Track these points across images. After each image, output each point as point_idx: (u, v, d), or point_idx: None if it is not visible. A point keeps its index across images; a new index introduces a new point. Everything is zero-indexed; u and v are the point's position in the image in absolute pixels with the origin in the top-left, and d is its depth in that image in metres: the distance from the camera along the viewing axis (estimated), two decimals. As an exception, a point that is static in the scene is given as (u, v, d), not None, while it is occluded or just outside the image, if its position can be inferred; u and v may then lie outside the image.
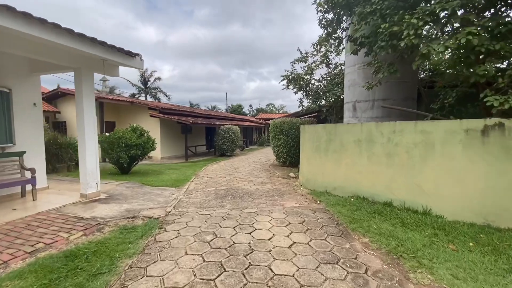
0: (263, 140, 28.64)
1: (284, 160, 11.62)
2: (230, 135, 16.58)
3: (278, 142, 11.70)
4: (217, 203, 5.55)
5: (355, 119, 7.67)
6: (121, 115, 16.17)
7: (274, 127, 11.97)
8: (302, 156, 7.31)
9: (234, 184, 7.56)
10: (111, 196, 5.64)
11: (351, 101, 7.82)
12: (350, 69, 7.88)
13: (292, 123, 11.38)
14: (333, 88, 9.16)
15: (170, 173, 9.62)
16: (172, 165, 12.24)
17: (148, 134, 9.70)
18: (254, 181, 7.96)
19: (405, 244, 3.47)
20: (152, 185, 7.10)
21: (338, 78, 9.32)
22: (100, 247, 3.30)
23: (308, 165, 6.83)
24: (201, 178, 8.70)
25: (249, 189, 6.88)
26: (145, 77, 37.20)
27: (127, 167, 9.08)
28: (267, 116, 34.79)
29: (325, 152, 6.23)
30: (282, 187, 7.08)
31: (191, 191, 6.77)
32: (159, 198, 5.81)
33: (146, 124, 15.69)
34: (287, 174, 9.29)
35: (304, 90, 10.55)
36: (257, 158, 15.69)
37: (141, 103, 14.54)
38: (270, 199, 5.89)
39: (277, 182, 7.81)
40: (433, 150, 4.48)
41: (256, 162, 13.60)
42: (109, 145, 8.57)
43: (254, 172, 9.92)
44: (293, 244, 3.49)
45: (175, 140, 16.37)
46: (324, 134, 6.26)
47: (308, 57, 10.17)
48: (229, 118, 23.42)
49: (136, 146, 8.71)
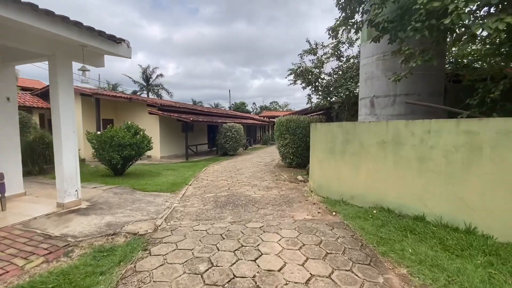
0: (267, 139, 27.84)
1: (290, 161, 10.82)
2: (232, 134, 15.81)
3: (284, 142, 10.89)
4: (216, 214, 4.77)
5: (373, 116, 6.82)
6: (119, 112, 15.49)
7: (279, 125, 11.15)
8: (312, 158, 6.49)
9: (237, 189, 6.78)
10: (94, 205, 4.89)
11: (368, 96, 6.97)
12: (367, 60, 7.01)
13: (299, 121, 10.56)
14: (345, 83, 8.31)
15: (168, 175, 8.89)
16: (171, 165, 11.51)
17: (143, 133, 8.96)
18: (259, 185, 7.17)
19: (457, 279, 2.66)
20: (145, 190, 6.36)
21: (352, 71, 8.47)
22: (61, 282, 2.54)
23: (320, 168, 6.02)
24: (200, 181, 7.94)
25: (253, 195, 6.10)
26: (147, 74, 36.53)
27: (120, 168, 8.36)
28: (271, 114, 33.92)
29: (341, 155, 5.41)
30: (290, 193, 6.28)
31: (188, 197, 6.02)
32: (150, 207, 5.05)
33: (144, 122, 14.99)
34: (294, 177, 8.49)
35: (313, 85, 9.70)
36: (261, 158, 14.90)
37: (140, 99, 13.84)
38: (277, 208, 5.11)
39: (284, 187, 7.01)
40: (480, 154, 3.63)
41: (260, 163, 12.82)
42: (100, 145, 7.85)
43: (259, 174, 9.13)
44: (311, 278, 2.69)
45: (176, 138, 15.66)
46: (340, 134, 5.44)
47: (317, 49, 9.31)
48: (232, 116, 22.66)
49: (130, 146, 7.98)
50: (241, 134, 16.61)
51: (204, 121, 14.70)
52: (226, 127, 15.86)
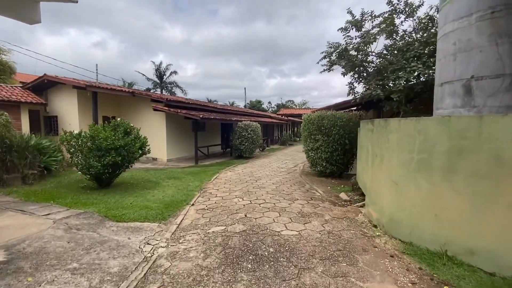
0: (286, 139, 25.47)
1: (322, 169, 8.51)
2: (249, 133, 13.67)
3: (315, 144, 8.59)
4: (224, 280, 2.63)
5: (469, 109, 4.40)
6: (122, 109, 13.80)
7: (308, 124, 8.87)
8: (376, 174, 4.19)
9: (258, 217, 4.58)
10: (10, 261, 2.86)
11: (460, 79, 4.53)
12: (458, 24, 4.59)
13: (335, 118, 8.23)
14: (407, 64, 5.92)
15: (167, 187, 6.88)
16: (177, 172, 9.54)
17: (137, 132, 7.00)
18: (289, 210, 4.94)
19: None
20: (122, 219, 4.27)
21: (418, 49, 6.04)
22: None
23: (397, 193, 3.68)
24: (207, 198, 5.84)
25: (285, 232, 3.88)
26: (161, 71, 35.24)
27: (106, 179, 6.44)
28: (290, 112, 31.37)
29: (445, 174, 3.07)
30: (342, 229, 4.01)
31: (185, 232, 3.91)
32: (115, 260, 2.98)
33: (150, 120, 13.18)
34: (334, 194, 6.21)
35: (358, 70, 7.31)
36: (282, 162, 12.66)
37: (143, 94, 12.03)
38: (333, 269, 2.87)
39: (327, 213, 4.75)
40: None
41: (281, 169, 10.58)
42: (76, 149, 5.95)
43: (285, 188, 6.90)
44: None
45: (185, 139, 13.75)
46: (444, 137, 3.10)
47: (364, 21, 6.91)
48: (248, 114, 20.54)
49: (116, 150, 6.02)
50: (258, 134, 14.45)
51: (217, 118, 12.66)
52: (242, 126, 13.75)
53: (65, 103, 12.29)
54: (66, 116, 12.31)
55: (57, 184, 6.59)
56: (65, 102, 12.31)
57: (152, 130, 12.85)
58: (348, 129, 8.21)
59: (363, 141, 5.29)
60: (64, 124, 11.91)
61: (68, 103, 12.13)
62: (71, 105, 11.92)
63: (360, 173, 5.62)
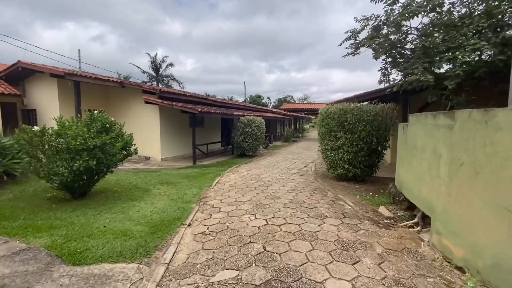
0: (289, 136, 24.11)
1: (344, 172, 7.17)
2: (253, 130, 12.29)
3: (335, 143, 7.23)
4: None
5: None
6: (110, 102, 12.34)
7: (327, 119, 7.49)
8: (463, 192, 2.81)
9: (282, 252, 3.18)
10: None
11: None
12: None
13: (361, 112, 6.87)
14: (466, 41, 4.55)
15: (157, 197, 5.52)
16: (171, 174, 8.18)
17: (120, 129, 5.61)
18: (323, 237, 3.57)
19: None
20: (83, 258, 2.82)
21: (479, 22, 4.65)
22: None
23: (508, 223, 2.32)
24: (208, 215, 4.49)
25: (331, 285, 2.54)
26: (156, 64, 33.58)
27: (80, 187, 5.06)
28: (293, 107, 29.82)
29: None
30: (413, 276, 2.66)
31: (178, 278, 2.57)
32: None
33: (142, 114, 11.72)
34: (370, 207, 4.88)
35: (396, 51, 5.93)
36: (290, 162, 11.31)
37: (133, 84, 10.56)
38: None
39: (375, 241, 3.40)
40: None
41: (291, 170, 9.24)
42: (33, 151, 4.56)
43: (304, 198, 5.56)
44: None
45: (182, 135, 12.34)
46: None
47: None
48: (250, 108, 19.11)
49: (89, 152, 4.63)
50: (262, 130, 13.07)
51: (217, 113, 11.25)
52: (245, 122, 12.36)
53: (45, 94, 10.80)
54: (46, 109, 10.82)
55: (16, 195, 5.20)
56: (44, 93, 10.82)
57: (144, 125, 11.42)
58: (376, 125, 6.88)
59: (420, 141, 3.93)
60: (45, 119, 10.46)
61: (47, 95, 10.65)
62: (51, 97, 10.44)
63: (412, 183, 4.27)
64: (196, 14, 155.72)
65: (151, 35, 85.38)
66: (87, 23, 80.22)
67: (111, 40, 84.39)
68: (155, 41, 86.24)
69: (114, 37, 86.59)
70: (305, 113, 31.39)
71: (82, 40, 70.29)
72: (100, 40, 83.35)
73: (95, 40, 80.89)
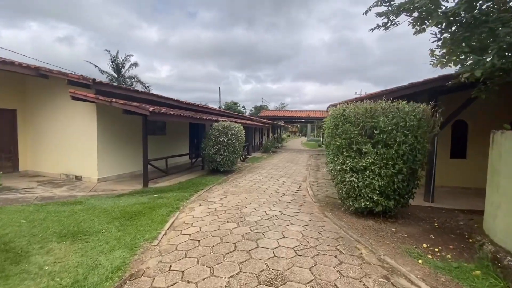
0: (269, 146, 21.62)
1: (369, 205, 4.64)
2: (229, 139, 9.48)
3: (359, 162, 4.69)
4: None
5: None
6: (28, 98, 8.82)
7: (344, 124, 4.96)
8: None
9: None
10: None
11: None
12: None
13: (402, 114, 4.47)
14: None
15: (36, 278, 2.48)
16: (100, 209, 5.04)
17: None
18: None
19: None
20: None
21: None
22: None
23: None
24: None
25: None
26: (118, 63, 29.56)
27: None
28: (273, 114, 27.13)
29: None
30: None
31: None
32: None
33: (71, 116, 8.24)
34: None
35: (454, 18, 3.66)
36: (277, 181, 8.63)
37: (55, 72, 7.24)
38: None
39: None
40: None
41: (284, 196, 6.53)
42: None
43: (330, 273, 2.83)
44: None
45: (131, 146, 9.13)
46: None
47: None
48: (225, 115, 16.27)
49: None
50: (241, 139, 10.30)
51: (180, 115, 8.26)
52: (219, 129, 9.52)
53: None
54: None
55: None
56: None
57: (75, 132, 8.07)
58: (421, 134, 4.52)
59: None
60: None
61: None
62: None
63: None
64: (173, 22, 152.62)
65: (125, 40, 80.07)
66: (53, 24, 72.96)
67: (80, 42, 77.23)
68: (129, 46, 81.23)
69: (84, 40, 79.46)
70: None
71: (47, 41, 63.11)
72: (67, 41, 75.85)
73: (61, 41, 73.40)
